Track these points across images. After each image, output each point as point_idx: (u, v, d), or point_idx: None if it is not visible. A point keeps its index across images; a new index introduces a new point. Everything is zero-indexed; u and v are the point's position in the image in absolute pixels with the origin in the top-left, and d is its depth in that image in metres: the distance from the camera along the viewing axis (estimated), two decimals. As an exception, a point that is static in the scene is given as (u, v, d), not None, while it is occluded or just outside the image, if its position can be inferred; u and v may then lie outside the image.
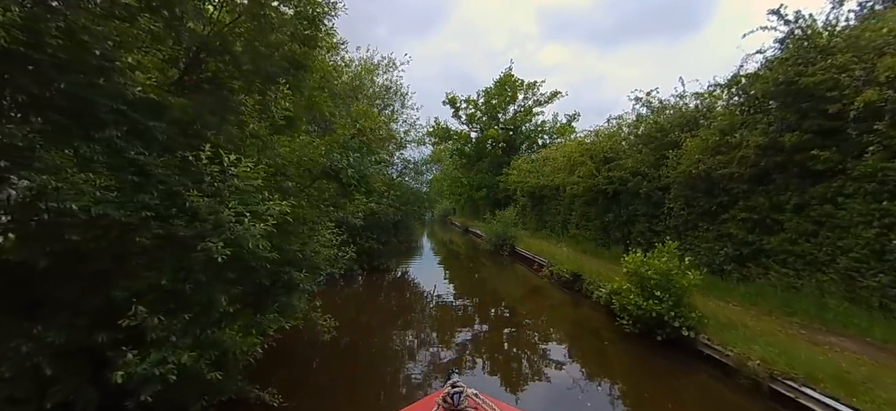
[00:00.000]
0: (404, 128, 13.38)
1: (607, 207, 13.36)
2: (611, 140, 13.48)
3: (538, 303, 9.98)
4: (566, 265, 10.17)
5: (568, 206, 16.95)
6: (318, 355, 6.55)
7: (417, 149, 13.92)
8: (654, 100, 13.24)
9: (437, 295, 10.60)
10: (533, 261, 13.38)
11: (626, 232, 12.54)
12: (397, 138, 13.07)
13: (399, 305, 10.06)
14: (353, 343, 7.19)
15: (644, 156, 11.38)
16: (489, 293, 11.19)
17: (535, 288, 11.28)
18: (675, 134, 10.59)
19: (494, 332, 8.07)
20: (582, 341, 7.55)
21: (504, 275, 13.63)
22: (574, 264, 10.24)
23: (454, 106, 30.97)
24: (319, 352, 6.60)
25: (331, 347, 6.61)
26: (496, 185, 28.29)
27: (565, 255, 11.17)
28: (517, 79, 29.54)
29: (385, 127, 12.94)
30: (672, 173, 10.28)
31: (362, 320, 8.72)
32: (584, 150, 13.50)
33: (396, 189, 11.73)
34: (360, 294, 10.61)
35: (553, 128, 30.56)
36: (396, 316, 9.18)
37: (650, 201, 11.36)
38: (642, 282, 6.72)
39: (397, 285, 11.83)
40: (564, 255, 11.18)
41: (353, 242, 8.23)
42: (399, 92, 13.45)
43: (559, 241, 16.38)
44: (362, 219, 11.02)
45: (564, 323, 8.60)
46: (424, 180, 15.05)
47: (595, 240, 14.09)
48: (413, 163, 13.80)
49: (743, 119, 8.57)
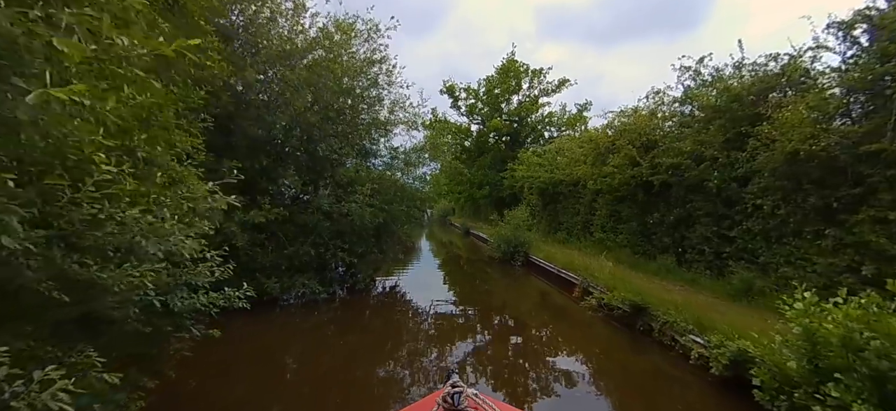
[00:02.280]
0: (391, 107, 10.39)
1: (649, 205, 10.45)
2: (651, 120, 10.58)
3: (587, 349, 6.92)
4: (621, 290, 7.16)
5: (590, 205, 14.05)
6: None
7: (408, 134, 10.94)
8: (707, 69, 10.42)
9: (432, 334, 7.55)
10: (559, 276, 10.41)
11: (679, 237, 9.62)
12: (380, 121, 10.11)
13: (370, 352, 6.66)
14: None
15: (711, 136, 8.46)
16: (509, 330, 8.08)
17: (570, 316, 8.34)
18: (762, 105, 7.69)
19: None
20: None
21: (522, 295, 10.63)
22: (628, 287, 7.25)
23: (453, 95, 28.06)
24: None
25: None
26: (500, 183, 25.43)
27: (608, 273, 8.21)
28: (521, 64, 26.67)
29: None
30: (760, 156, 7.38)
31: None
32: (620, 133, 10.56)
33: (378, 182, 8.77)
34: (319, 329, 7.62)
35: (561, 119, 27.70)
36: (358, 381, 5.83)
37: (719, 196, 8.45)
38: (825, 350, 3.51)
39: (379, 311, 8.83)
40: (607, 273, 8.22)
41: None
42: (384, 61, 10.46)
43: (581, 247, 13.46)
44: (330, 219, 8.06)
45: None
46: (418, 174, 12.08)
47: (630, 246, 11.17)
48: (403, 151, 10.83)
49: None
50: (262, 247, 7.95)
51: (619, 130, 10.72)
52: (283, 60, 8.33)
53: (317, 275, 7.96)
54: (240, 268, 7.79)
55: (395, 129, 10.58)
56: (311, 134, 8.18)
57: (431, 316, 8.26)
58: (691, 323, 5.52)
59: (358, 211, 7.61)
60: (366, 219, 7.67)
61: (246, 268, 7.78)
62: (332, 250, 7.86)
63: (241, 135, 8.20)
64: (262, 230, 7.94)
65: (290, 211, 8.18)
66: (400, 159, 10.85)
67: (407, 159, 11.18)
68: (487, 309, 9.13)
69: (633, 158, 10.05)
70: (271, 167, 8.10)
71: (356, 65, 10.03)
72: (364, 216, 7.62)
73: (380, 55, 10.60)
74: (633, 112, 10.82)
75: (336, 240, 8.05)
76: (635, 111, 10.83)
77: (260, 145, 8.17)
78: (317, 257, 7.78)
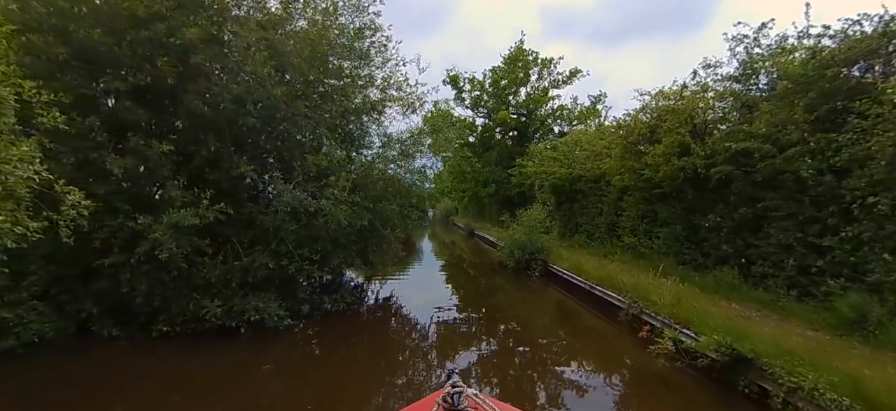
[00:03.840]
0: (383, 84, 8.49)
1: (700, 204, 8.47)
2: (701, 99, 8.62)
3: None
4: (708, 329, 5.04)
5: (615, 204, 12.09)
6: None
7: (405, 118, 9.01)
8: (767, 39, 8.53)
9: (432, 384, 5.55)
10: (591, 292, 8.40)
11: (742, 245, 7.64)
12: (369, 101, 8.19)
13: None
14: None
15: (796, 114, 6.50)
16: (537, 370, 5.94)
17: (620, 356, 6.36)
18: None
19: None
20: None
21: (545, 317, 8.54)
22: (716, 325, 5.16)
23: (456, 86, 26.08)
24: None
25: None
26: (507, 181, 23.51)
27: (671, 296, 6.14)
28: (530, 52, 24.69)
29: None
30: (872, 137, 5.44)
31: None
32: (665, 114, 8.53)
33: (363, 175, 6.87)
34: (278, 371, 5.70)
35: (572, 113, 25.75)
36: None
37: (805, 192, 6.50)
38: None
39: (367, 337, 6.89)
40: (670, 295, 6.16)
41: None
42: (376, 30, 8.57)
43: (607, 254, 11.50)
44: (298, 220, 6.12)
45: None
46: (417, 168, 10.16)
47: (673, 254, 9.20)
48: (398, 139, 8.92)
49: None
50: (212, 256, 6.07)
51: (663, 111, 8.70)
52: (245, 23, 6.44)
53: (279, 294, 6.06)
54: (171, 286, 5.94)
55: (388, 109, 8.65)
56: (275, 112, 6.28)
57: (433, 348, 6.36)
58: (846, 395, 3.50)
59: (332, 210, 5.68)
60: (342, 221, 5.73)
61: (182, 285, 5.93)
62: (298, 261, 5.91)
63: (185, 112, 6.34)
64: (207, 235, 6.08)
65: (249, 210, 6.29)
66: (393, 149, 8.93)
67: (403, 149, 9.27)
68: (505, 341, 7.12)
69: (683, 146, 8.06)
70: (223, 154, 6.22)
71: (345, 43, 8.17)
72: (338, 216, 5.68)
73: (370, 23, 8.72)
74: (680, 90, 8.83)
75: (306, 247, 6.12)
76: (682, 88, 8.85)
77: (208, 125, 6.30)
78: (280, 270, 5.87)
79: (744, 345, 4.55)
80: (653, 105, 9.84)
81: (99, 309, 6.05)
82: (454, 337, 6.76)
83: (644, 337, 6.05)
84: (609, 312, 7.60)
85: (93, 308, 6.03)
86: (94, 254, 5.77)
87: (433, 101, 24.72)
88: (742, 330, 4.86)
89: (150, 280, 5.61)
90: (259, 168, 6.13)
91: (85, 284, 6.20)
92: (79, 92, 6.00)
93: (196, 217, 5.19)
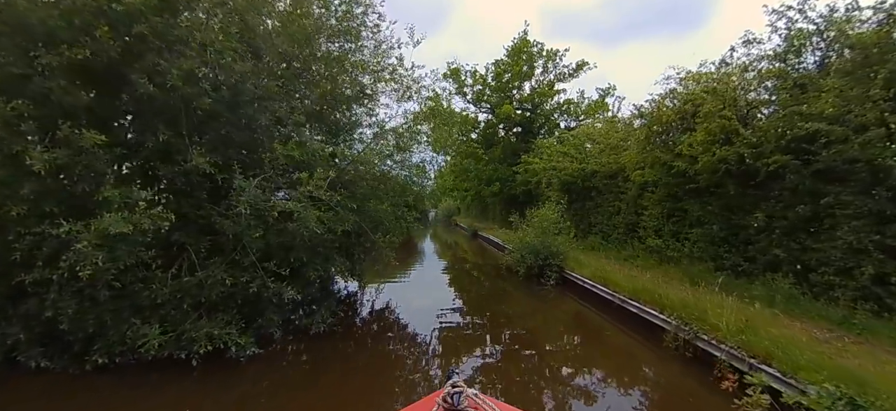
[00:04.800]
0: (376, 62, 7.38)
1: (743, 200, 7.31)
2: (743, 79, 7.47)
3: None
4: (809, 370, 3.67)
5: (635, 201, 10.96)
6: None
7: (399, 104, 7.89)
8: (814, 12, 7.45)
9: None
10: (622, 307, 7.16)
11: (798, 249, 6.49)
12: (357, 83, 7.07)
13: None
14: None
15: (873, 90, 5.33)
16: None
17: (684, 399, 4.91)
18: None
19: None
20: None
21: (581, 346, 7.17)
22: (812, 357, 3.85)
23: (457, 80, 24.93)
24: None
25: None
26: (512, 178, 22.41)
27: (736, 317, 4.87)
28: (534, 43, 23.55)
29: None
30: None
31: None
32: (705, 96, 7.32)
33: (348, 168, 5.74)
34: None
35: (579, 108, 24.59)
36: None
37: (885, 184, 5.34)
38: None
39: (331, 389, 5.68)
40: (734, 318, 4.84)
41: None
42: (365, 6, 7.48)
43: (628, 257, 10.37)
44: (265, 225, 4.96)
45: None
46: (415, 163, 9.04)
47: (710, 258, 8.04)
48: (391, 129, 7.79)
49: None
50: (164, 269, 4.96)
51: (700, 93, 7.50)
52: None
53: (245, 314, 4.93)
54: (109, 307, 4.78)
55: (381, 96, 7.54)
56: (240, 94, 5.16)
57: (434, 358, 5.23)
58: None
59: (301, 212, 4.53)
60: (312, 226, 4.51)
61: (124, 307, 4.83)
62: (261, 278, 4.74)
63: (133, 95, 5.24)
64: (159, 243, 4.97)
65: (209, 212, 5.17)
66: (387, 140, 7.79)
67: (399, 142, 8.13)
68: (528, 369, 5.94)
69: (728, 132, 6.89)
70: (176, 144, 5.11)
71: (333, 24, 7.09)
72: (308, 220, 4.51)
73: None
74: (718, 70, 7.67)
75: (277, 257, 4.98)
76: (721, 66, 7.69)
77: (159, 109, 5.20)
78: (242, 287, 4.74)
79: (869, 398, 3.26)
80: (680, 90, 8.70)
81: (28, 335, 4.97)
82: (467, 370, 5.62)
83: (729, 389, 4.22)
84: (646, 333, 6.35)
85: (20, 333, 4.95)
86: (21, 268, 4.70)
87: (431, 87, 23.55)
88: (848, 371, 3.67)
89: (80, 300, 4.52)
90: (220, 161, 5.00)
91: (14, 305, 5.13)
92: (4, 70, 4.93)
93: (127, 224, 4.09)
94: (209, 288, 4.57)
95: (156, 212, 4.20)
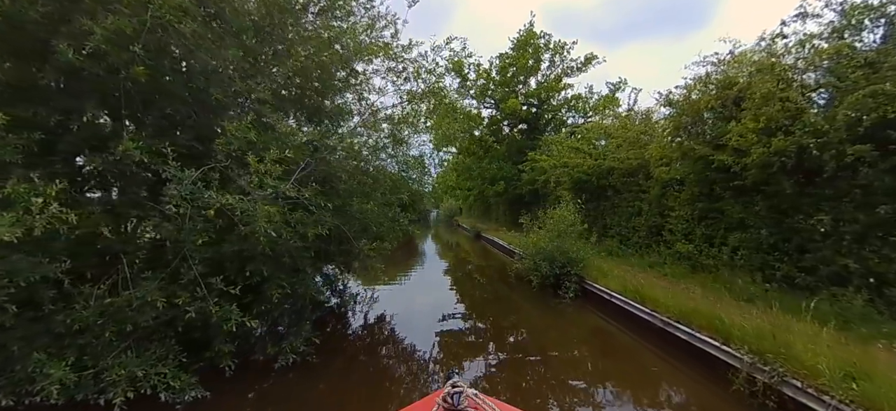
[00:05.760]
0: (367, 26, 6.33)
1: (800, 200, 6.16)
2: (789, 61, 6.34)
3: None
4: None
5: (658, 201, 9.84)
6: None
7: (395, 86, 6.80)
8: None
9: None
10: (664, 329, 5.93)
11: (874, 259, 5.34)
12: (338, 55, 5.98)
13: None
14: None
15: None
16: None
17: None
18: None
19: None
20: None
21: (632, 388, 5.75)
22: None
23: (460, 74, 23.81)
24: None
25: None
26: (517, 177, 21.33)
27: (832, 352, 3.65)
28: (541, 35, 22.42)
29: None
30: None
31: None
32: (756, 75, 6.15)
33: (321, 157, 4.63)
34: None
35: (587, 103, 23.46)
36: None
37: None
38: None
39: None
40: (831, 351, 3.63)
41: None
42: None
43: (655, 264, 9.24)
44: (215, 229, 3.82)
45: None
46: (412, 157, 7.97)
47: (756, 267, 6.89)
48: (385, 116, 6.72)
49: None
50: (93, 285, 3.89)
51: (758, 71, 6.28)
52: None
53: (183, 347, 3.83)
54: (17, 334, 3.44)
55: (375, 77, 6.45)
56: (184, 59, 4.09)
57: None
58: None
59: (250, 210, 3.43)
60: (259, 227, 3.35)
61: (39, 333, 3.75)
62: (201, 300, 3.60)
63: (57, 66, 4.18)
64: (89, 252, 3.91)
65: (147, 213, 4.09)
66: (382, 130, 6.72)
67: (394, 132, 7.06)
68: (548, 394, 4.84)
69: (788, 117, 5.73)
70: (117, 129, 4.05)
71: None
72: (254, 219, 3.38)
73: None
74: (773, 41, 6.54)
75: (231, 271, 3.90)
76: (776, 39, 6.55)
77: (89, 84, 4.13)
78: (178, 310, 3.64)
79: None
80: (717, 75, 7.56)
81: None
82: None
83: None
84: (703, 368, 5.03)
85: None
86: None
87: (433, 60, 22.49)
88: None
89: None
90: (167, 149, 3.91)
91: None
92: None
93: (17, 225, 3.03)
94: (137, 311, 3.49)
95: (52, 211, 3.11)
